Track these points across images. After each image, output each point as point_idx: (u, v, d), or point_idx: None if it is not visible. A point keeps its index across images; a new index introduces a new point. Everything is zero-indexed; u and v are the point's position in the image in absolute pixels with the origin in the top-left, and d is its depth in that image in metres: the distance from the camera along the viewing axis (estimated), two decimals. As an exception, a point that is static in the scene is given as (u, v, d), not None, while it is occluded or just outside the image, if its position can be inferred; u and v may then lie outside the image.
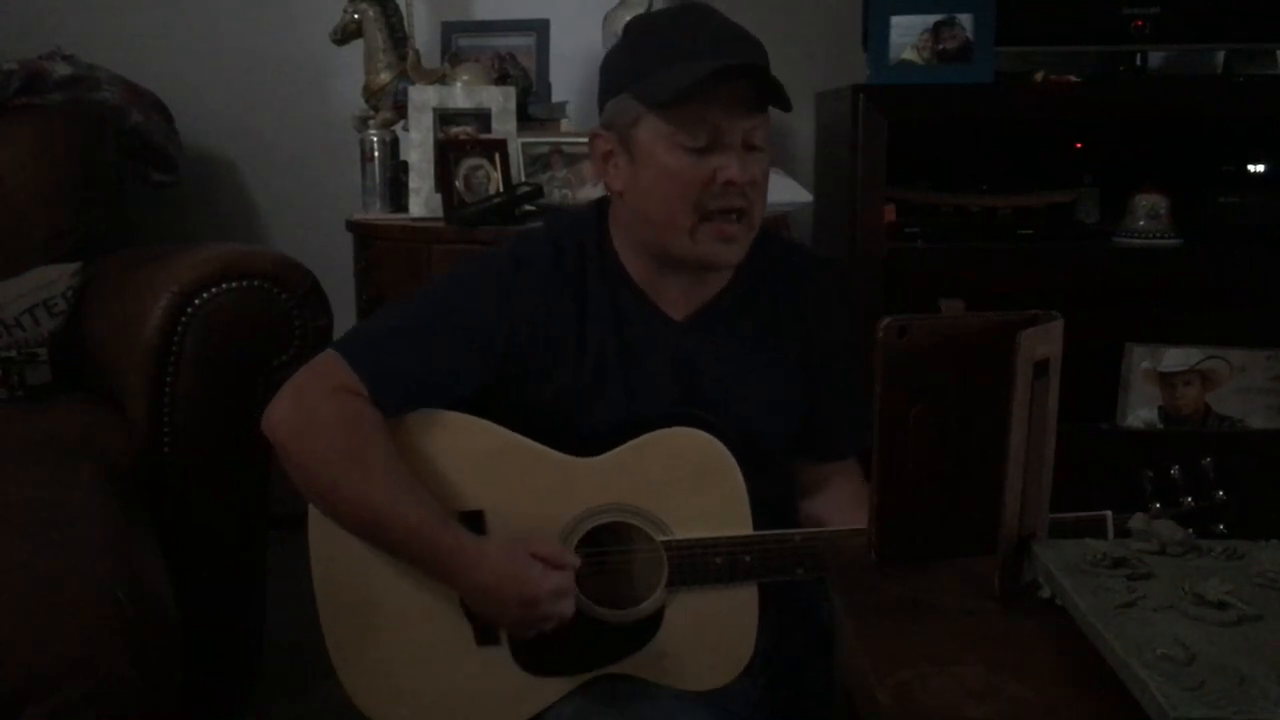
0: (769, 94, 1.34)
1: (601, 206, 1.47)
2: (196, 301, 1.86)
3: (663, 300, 1.44)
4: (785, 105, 1.36)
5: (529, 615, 1.30)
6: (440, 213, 2.18)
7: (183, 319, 1.85)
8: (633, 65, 1.36)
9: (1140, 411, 2.35)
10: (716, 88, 1.29)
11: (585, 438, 1.38)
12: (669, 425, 1.37)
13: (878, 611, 0.97)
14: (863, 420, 1.49)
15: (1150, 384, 2.34)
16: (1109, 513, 1.31)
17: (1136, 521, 0.96)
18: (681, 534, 1.36)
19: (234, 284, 1.88)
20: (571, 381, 1.41)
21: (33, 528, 1.44)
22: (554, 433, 1.38)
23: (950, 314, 2.06)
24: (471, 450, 1.38)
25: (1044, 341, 0.95)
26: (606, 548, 1.40)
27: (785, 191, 2.27)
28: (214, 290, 1.87)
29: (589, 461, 1.37)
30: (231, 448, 1.48)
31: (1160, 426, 2.34)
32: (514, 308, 1.40)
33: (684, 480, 1.36)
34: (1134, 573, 0.89)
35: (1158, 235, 2.34)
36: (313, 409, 1.34)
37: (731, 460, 1.36)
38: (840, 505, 1.49)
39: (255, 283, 1.89)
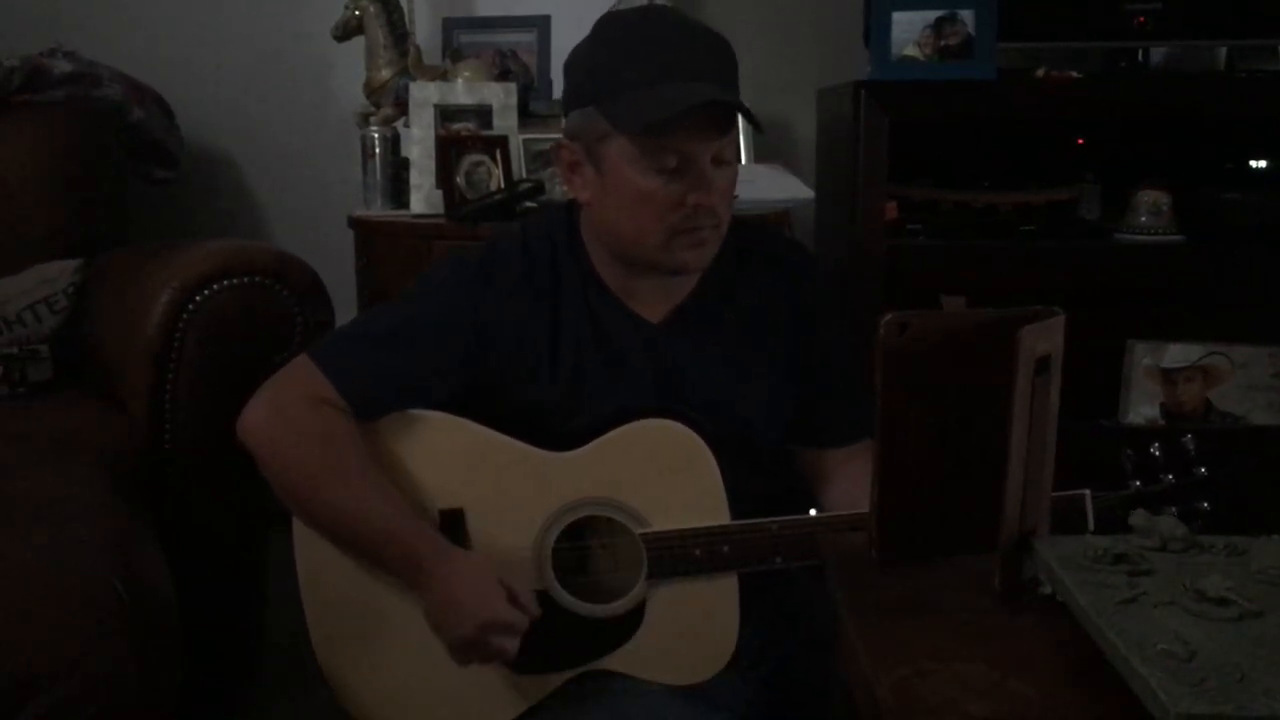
0: (740, 111, 1.33)
1: (572, 207, 1.47)
2: (198, 298, 1.85)
3: (637, 302, 1.44)
4: (758, 127, 1.37)
5: (478, 638, 1.29)
6: (441, 209, 2.18)
7: (184, 315, 1.85)
8: (601, 79, 1.33)
9: (1142, 408, 2.35)
10: (687, 116, 1.27)
11: (569, 442, 1.38)
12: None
13: (878, 609, 0.97)
14: (868, 400, 1.48)
15: (1152, 381, 2.34)
16: (1087, 491, 1.31)
17: (1137, 518, 0.96)
18: (659, 526, 1.36)
19: (235, 280, 1.88)
20: (550, 387, 1.41)
21: (33, 524, 1.44)
22: (538, 438, 1.38)
23: (951, 310, 2.06)
24: (450, 448, 1.39)
25: (1045, 338, 0.95)
26: (587, 542, 1.40)
27: (786, 188, 2.26)
28: (215, 287, 1.87)
29: (566, 456, 1.37)
30: (232, 445, 1.50)
31: (1162, 423, 2.34)
32: (485, 311, 1.40)
33: (659, 471, 1.36)
34: (1135, 569, 0.89)
35: (1160, 232, 2.34)
36: (286, 419, 1.37)
37: (706, 450, 1.36)
38: (858, 487, 1.45)
39: (256, 279, 1.89)
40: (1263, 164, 2.43)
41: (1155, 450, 1.34)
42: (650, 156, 1.31)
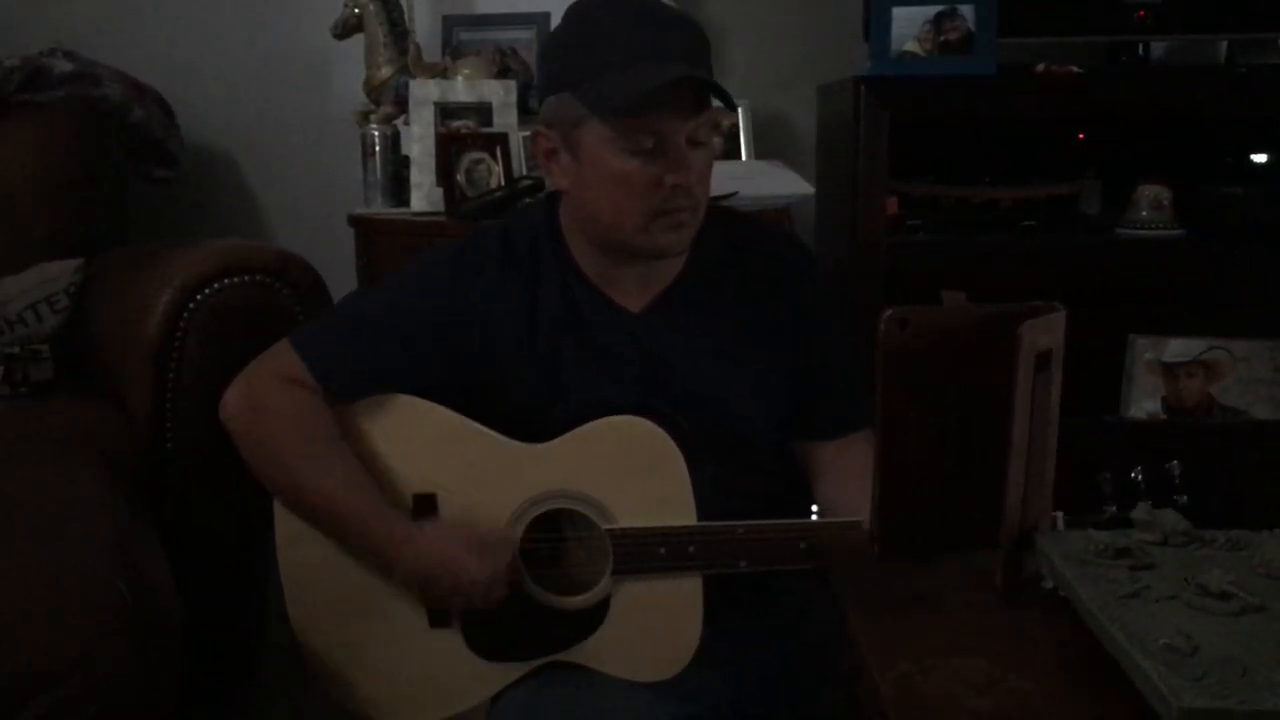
0: (714, 90, 1.33)
1: (554, 200, 1.47)
2: (199, 297, 1.86)
3: (617, 292, 1.43)
4: (730, 105, 1.37)
5: (463, 601, 1.35)
6: (442, 207, 2.18)
7: (185, 315, 1.85)
8: (575, 63, 1.33)
9: (1144, 403, 2.34)
10: (662, 95, 1.27)
11: (549, 433, 1.38)
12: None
13: (880, 605, 0.97)
14: (866, 389, 1.47)
15: (1153, 375, 2.34)
16: (1059, 514, 1.29)
17: (1139, 512, 0.96)
18: (626, 522, 1.36)
19: (236, 279, 1.88)
20: (527, 377, 1.41)
21: (35, 524, 1.44)
22: (518, 429, 1.39)
23: (952, 306, 2.05)
24: (425, 433, 1.41)
25: (1046, 333, 0.94)
26: (559, 533, 1.40)
27: (787, 184, 2.26)
28: (216, 286, 1.87)
29: (537, 448, 1.38)
30: (233, 444, 1.52)
31: (1163, 418, 2.33)
32: (462, 301, 1.41)
33: (626, 468, 1.36)
34: (1137, 563, 0.89)
35: (1160, 226, 2.34)
36: (261, 399, 1.41)
37: (674, 448, 1.34)
38: (851, 483, 1.42)
39: (257, 278, 1.89)
40: (1263, 158, 2.42)
41: (1136, 475, 1.31)
42: (626, 138, 1.31)
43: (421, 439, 1.41)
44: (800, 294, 1.47)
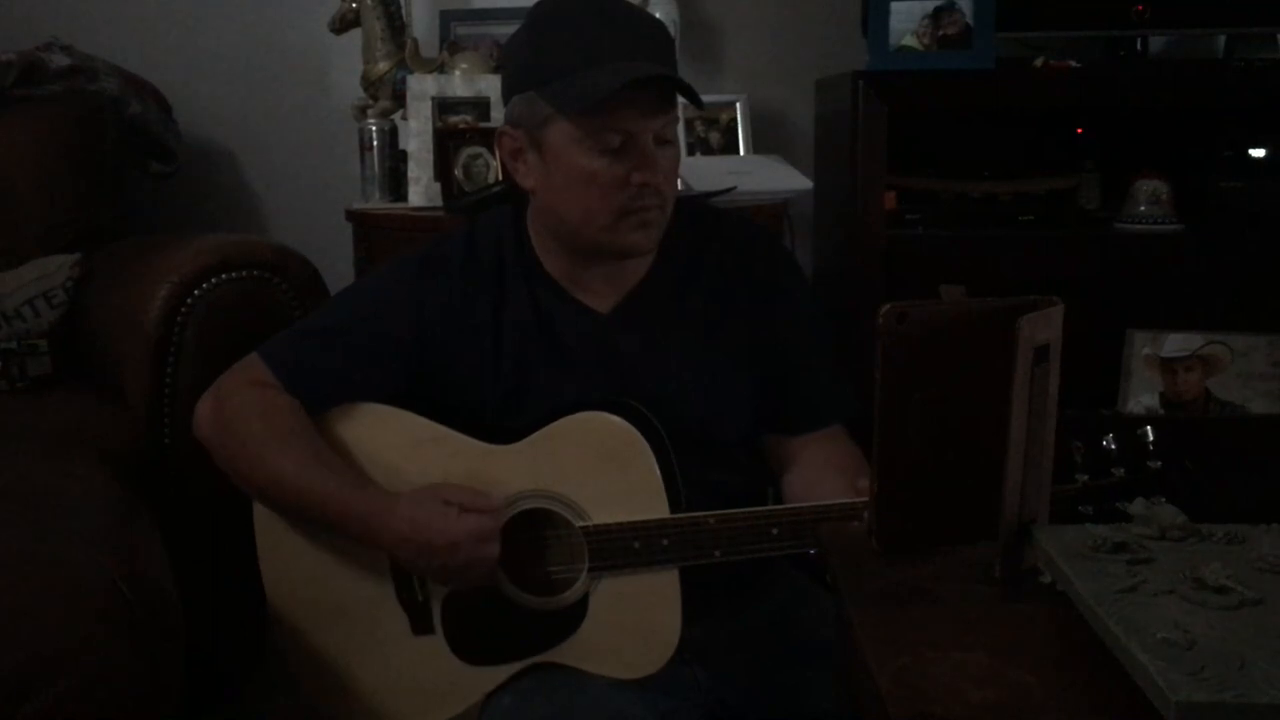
0: (680, 88, 1.34)
1: (520, 203, 1.47)
2: (196, 292, 1.86)
3: (585, 293, 1.43)
4: (697, 102, 1.37)
5: (452, 561, 1.31)
6: (440, 202, 2.18)
7: (183, 309, 1.85)
8: (540, 63, 1.34)
9: (1141, 397, 2.35)
10: (629, 91, 1.28)
11: (518, 436, 1.38)
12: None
13: (878, 598, 0.97)
14: (835, 384, 1.47)
15: (1151, 370, 2.34)
16: None
17: (1137, 506, 0.96)
18: (599, 518, 1.35)
19: (234, 274, 1.88)
20: (495, 381, 1.41)
21: (34, 518, 1.44)
22: (487, 433, 1.39)
23: (950, 300, 2.06)
24: (394, 441, 1.41)
25: (1044, 327, 0.94)
26: (536, 533, 1.40)
27: (785, 179, 2.26)
28: (214, 280, 1.87)
29: (506, 449, 1.38)
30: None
31: (1161, 412, 2.33)
32: (426, 307, 1.42)
33: (596, 465, 1.35)
34: (1134, 557, 0.89)
35: (1159, 220, 2.34)
36: (231, 404, 1.42)
37: (642, 442, 1.34)
38: (818, 476, 1.42)
39: (255, 273, 1.89)
40: (1261, 152, 2.42)
41: (1108, 442, 1.31)
42: (593, 137, 1.31)
43: (391, 446, 1.41)
44: (771, 288, 1.47)
